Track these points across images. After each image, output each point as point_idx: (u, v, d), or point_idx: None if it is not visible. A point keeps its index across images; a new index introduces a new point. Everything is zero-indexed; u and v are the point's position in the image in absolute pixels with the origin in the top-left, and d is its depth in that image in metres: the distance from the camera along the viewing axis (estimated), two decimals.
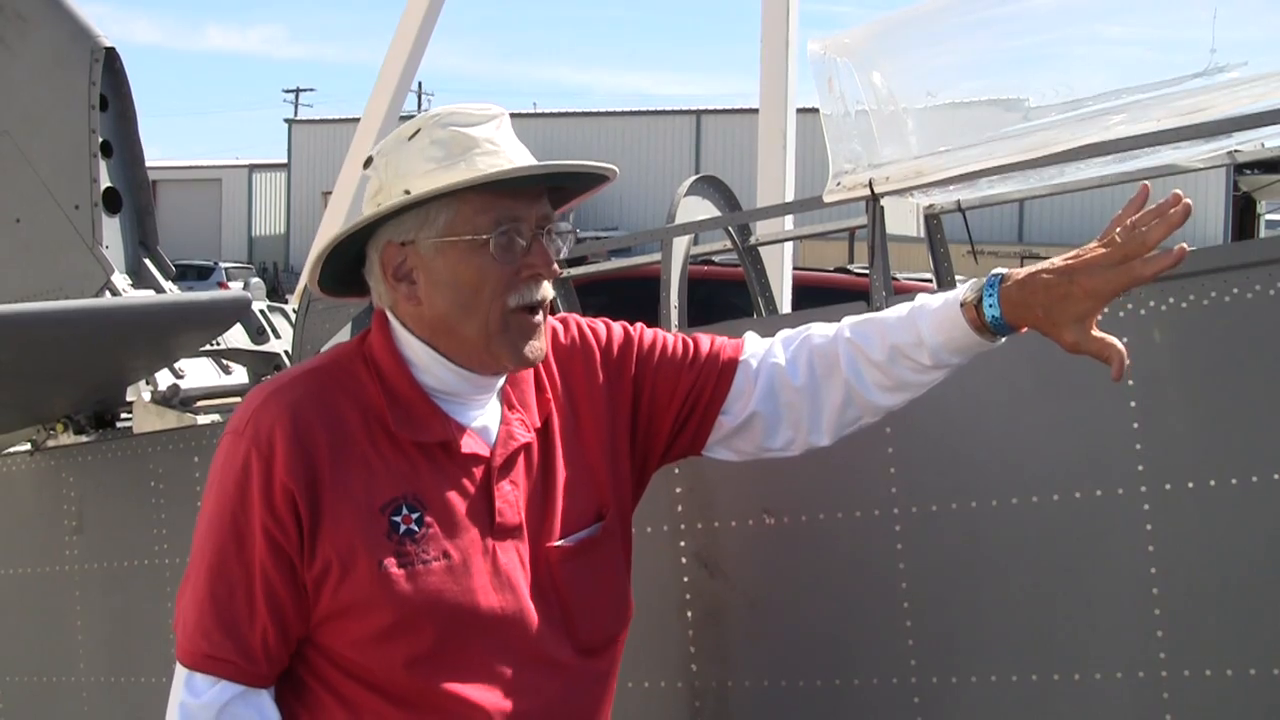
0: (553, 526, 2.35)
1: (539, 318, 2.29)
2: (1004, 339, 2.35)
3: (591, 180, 2.37)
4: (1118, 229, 2.21)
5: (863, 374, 2.44)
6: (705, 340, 2.54)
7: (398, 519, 2.20)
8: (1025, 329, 2.30)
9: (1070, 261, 2.24)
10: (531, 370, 2.39)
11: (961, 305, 2.33)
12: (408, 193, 2.21)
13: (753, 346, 2.54)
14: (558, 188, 2.34)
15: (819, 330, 2.51)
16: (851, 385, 2.45)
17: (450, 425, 2.28)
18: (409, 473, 2.24)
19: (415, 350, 2.29)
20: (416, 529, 2.21)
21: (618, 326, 2.56)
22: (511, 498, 2.31)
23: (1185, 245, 2.17)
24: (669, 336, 2.56)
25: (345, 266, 2.34)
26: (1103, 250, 2.21)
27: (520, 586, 2.28)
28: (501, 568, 2.27)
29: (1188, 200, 2.17)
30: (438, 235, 2.22)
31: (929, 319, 2.37)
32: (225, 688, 2.18)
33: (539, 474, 2.36)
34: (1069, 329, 2.24)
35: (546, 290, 2.29)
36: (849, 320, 2.50)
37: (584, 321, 2.55)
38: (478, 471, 2.29)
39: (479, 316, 2.23)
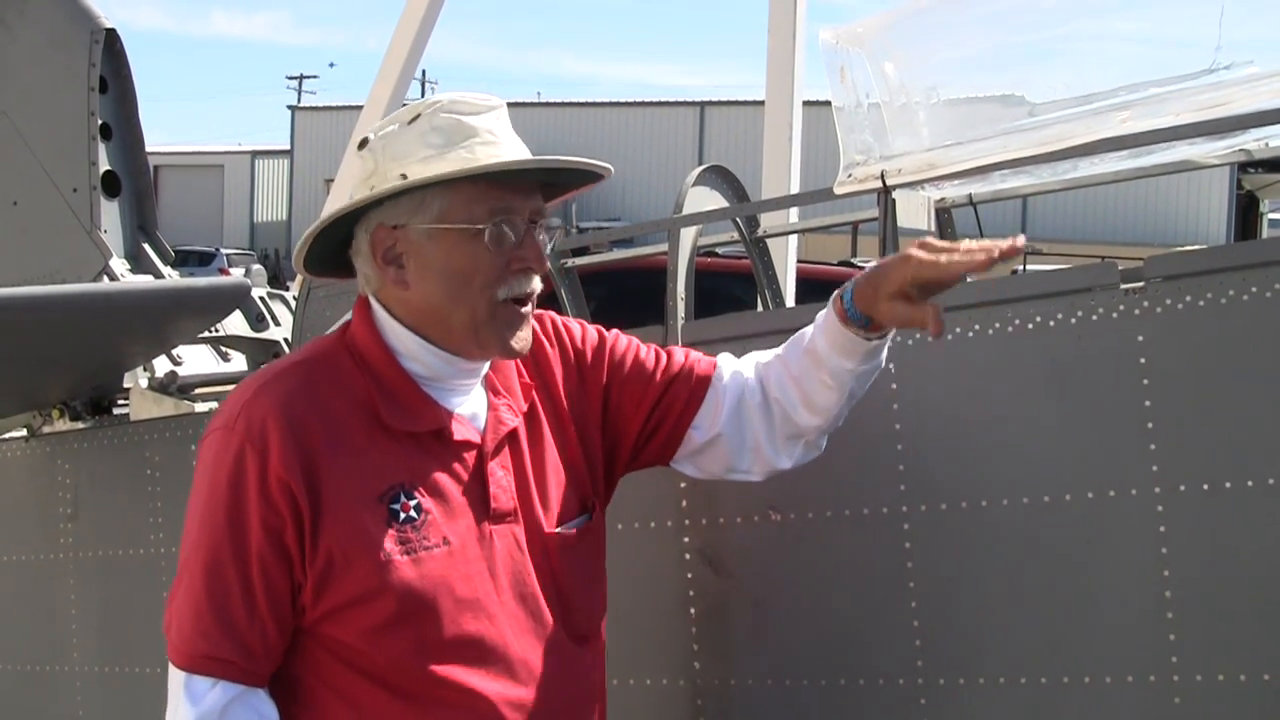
0: (546, 513, 2.37)
1: (527, 309, 2.31)
2: (874, 342, 2.42)
3: (584, 176, 2.38)
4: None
5: (789, 392, 2.51)
6: (679, 354, 2.58)
7: (396, 507, 2.20)
8: (885, 321, 2.35)
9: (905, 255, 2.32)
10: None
11: (831, 304, 2.42)
12: (404, 177, 2.21)
13: (725, 365, 2.59)
14: (548, 183, 2.35)
15: (772, 352, 2.57)
16: (784, 405, 2.52)
17: (441, 413, 2.29)
18: (403, 461, 2.24)
19: (402, 338, 2.29)
20: (416, 516, 2.21)
21: (592, 329, 2.59)
22: (504, 483, 2.32)
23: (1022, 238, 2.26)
24: (642, 346, 2.59)
25: (332, 247, 2.35)
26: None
27: (516, 572, 2.30)
28: (498, 553, 2.28)
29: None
30: (431, 221, 2.22)
31: (815, 327, 2.47)
32: (225, 688, 2.16)
33: (527, 459, 2.38)
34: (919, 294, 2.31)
35: (535, 283, 2.30)
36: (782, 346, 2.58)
37: (560, 319, 2.58)
38: (470, 457, 2.30)
39: (467, 305, 2.24)
